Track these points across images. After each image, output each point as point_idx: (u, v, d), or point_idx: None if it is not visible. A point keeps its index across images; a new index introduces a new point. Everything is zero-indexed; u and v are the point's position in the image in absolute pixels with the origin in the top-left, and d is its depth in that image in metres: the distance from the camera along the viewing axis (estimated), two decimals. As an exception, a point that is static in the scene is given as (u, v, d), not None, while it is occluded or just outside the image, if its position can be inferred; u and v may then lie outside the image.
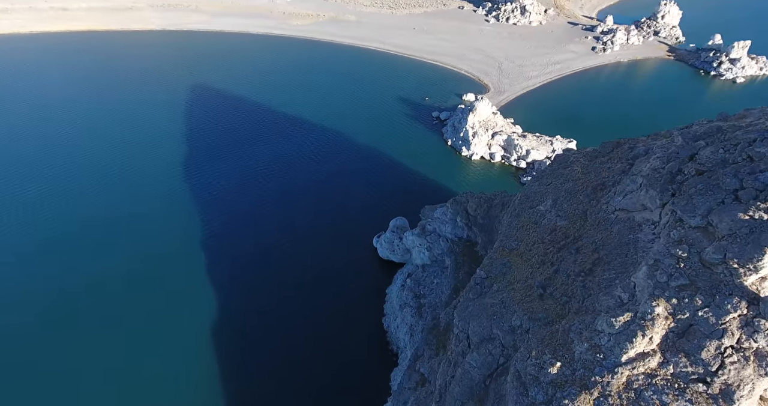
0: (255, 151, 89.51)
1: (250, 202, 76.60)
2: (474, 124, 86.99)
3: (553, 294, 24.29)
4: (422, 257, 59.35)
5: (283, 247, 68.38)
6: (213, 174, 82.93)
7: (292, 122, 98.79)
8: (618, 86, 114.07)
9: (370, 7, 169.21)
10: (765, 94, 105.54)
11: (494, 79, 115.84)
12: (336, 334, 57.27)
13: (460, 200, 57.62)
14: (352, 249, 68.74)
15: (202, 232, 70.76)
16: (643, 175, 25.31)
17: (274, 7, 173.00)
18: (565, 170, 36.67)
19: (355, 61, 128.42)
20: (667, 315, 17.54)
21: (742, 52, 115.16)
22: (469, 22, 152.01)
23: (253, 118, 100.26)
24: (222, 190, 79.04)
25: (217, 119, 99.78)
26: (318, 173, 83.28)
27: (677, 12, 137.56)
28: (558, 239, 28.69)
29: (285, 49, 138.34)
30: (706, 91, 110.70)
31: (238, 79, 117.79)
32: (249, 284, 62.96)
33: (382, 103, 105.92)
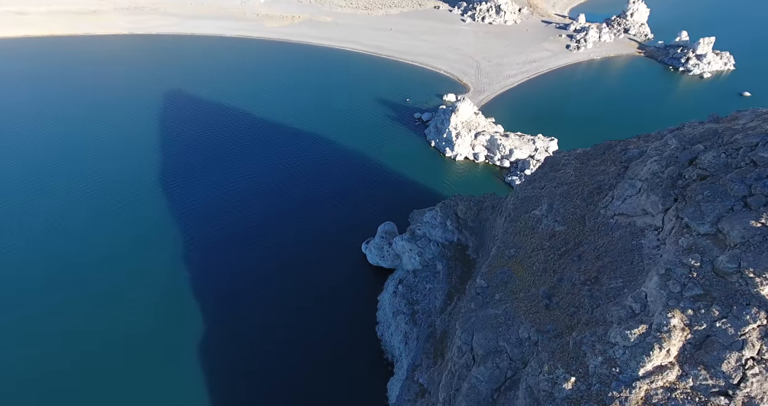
0: (233, 160, 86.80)
1: (231, 214, 74.06)
2: (457, 125, 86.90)
3: (559, 304, 23.81)
4: (413, 263, 58.59)
5: (268, 257, 66.40)
6: (191, 185, 79.91)
7: (272, 129, 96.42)
8: (593, 84, 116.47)
9: (345, 8, 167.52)
10: (730, 89, 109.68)
11: (473, 79, 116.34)
12: (328, 344, 55.90)
13: (449, 204, 57.17)
14: (341, 256, 67.39)
15: (183, 245, 67.99)
16: (641, 180, 25.15)
17: (248, 8, 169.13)
18: (557, 173, 36.52)
19: (333, 64, 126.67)
20: (683, 326, 17.18)
21: (707, 48, 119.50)
22: (446, 22, 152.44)
23: (231, 126, 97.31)
24: (201, 202, 76.21)
25: (191, 128, 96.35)
26: (301, 180, 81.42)
27: (645, 10, 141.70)
28: (558, 246, 28.32)
29: (260, 52, 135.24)
30: (676, 87, 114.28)
31: (212, 84, 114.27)
32: (235, 297, 60.78)
33: (363, 106, 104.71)
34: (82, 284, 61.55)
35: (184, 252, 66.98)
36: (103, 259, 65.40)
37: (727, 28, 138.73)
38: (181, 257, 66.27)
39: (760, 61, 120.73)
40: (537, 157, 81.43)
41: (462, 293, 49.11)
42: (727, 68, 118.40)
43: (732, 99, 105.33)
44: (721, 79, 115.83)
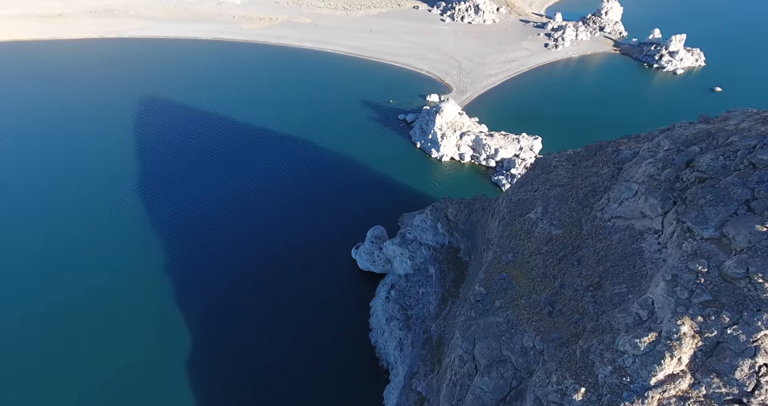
0: (215, 167, 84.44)
1: (215, 223, 71.91)
2: (442, 126, 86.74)
3: (562, 311, 23.50)
4: (404, 267, 57.98)
5: (255, 267, 64.69)
6: (172, 194, 77.28)
7: (254, 133, 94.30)
8: (572, 82, 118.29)
9: (324, 9, 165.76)
10: (702, 84, 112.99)
11: (456, 79, 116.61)
12: (321, 353, 54.77)
13: (439, 207, 56.77)
14: (330, 263, 66.23)
15: (167, 257, 65.61)
16: (638, 182, 25.09)
17: (223, 10, 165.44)
18: (549, 175, 36.43)
19: (315, 65, 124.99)
20: (693, 334, 16.97)
21: (679, 45, 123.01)
22: (425, 22, 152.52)
23: (211, 132, 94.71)
24: (184, 212, 73.75)
25: (170, 135, 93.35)
26: (286, 186, 79.79)
27: (619, 8, 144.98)
28: (556, 250, 28.09)
29: (239, 55, 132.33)
30: (651, 84, 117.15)
31: (190, 89, 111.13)
32: (221, 309, 58.93)
33: (347, 108, 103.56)
34: (71, 302, 58.61)
35: (169, 264, 64.63)
36: (88, 275, 62.48)
37: (696, 25, 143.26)
38: (166, 268, 63.92)
39: (728, 57, 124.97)
40: (522, 156, 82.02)
41: (456, 296, 48.78)
42: (698, 64, 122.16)
43: (704, 94, 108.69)
44: (693, 75, 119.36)
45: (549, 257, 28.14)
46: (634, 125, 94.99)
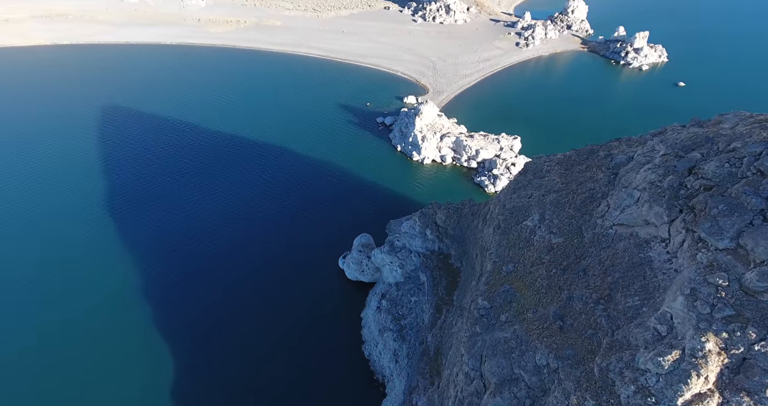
0: (187, 179, 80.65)
1: (191, 238, 68.48)
2: (422, 129, 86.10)
3: (574, 326, 22.87)
4: (394, 275, 56.79)
5: (238, 282, 61.93)
6: (144, 210, 73.14)
7: (227, 142, 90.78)
8: (545, 80, 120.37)
9: (293, 11, 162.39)
10: (667, 80, 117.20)
11: (431, 80, 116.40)
12: (313, 368, 52.89)
13: (427, 213, 55.91)
14: (317, 274, 64.26)
15: (142, 277, 61.87)
16: (639, 189, 24.79)
17: (187, 13, 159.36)
18: (542, 180, 36.06)
19: (288, 69, 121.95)
20: (719, 351, 16.49)
21: (643, 42, 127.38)
22: (397, 23, 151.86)
23: (181, 142, 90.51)
24: (156, 228, 69.87)
25: (137, 148, 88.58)
26: (265, 197, 77.06)
27: (584, 6, 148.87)
28: (559, 259, 27.55)
29: (206, 60, 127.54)
30: (620, 80, 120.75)
31: (156, 97, 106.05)
32: (207, 327, 56.03)
33: (324, 113, 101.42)
34: (38, 337, 54.12)
35: (145, 284, 60.96)
36: (55, 303, 57.97)
37: (658, 23, 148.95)
38: (142, 289, 60.23)
39: (688, 53, 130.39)
40: (503, 157, 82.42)
41: (450, 304, 48.03)
42: (662, 60, 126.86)
43: (669, 89, 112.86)
44: (657, 71, 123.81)
45: (552, 266, 27.56)
46: (608, 122, 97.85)
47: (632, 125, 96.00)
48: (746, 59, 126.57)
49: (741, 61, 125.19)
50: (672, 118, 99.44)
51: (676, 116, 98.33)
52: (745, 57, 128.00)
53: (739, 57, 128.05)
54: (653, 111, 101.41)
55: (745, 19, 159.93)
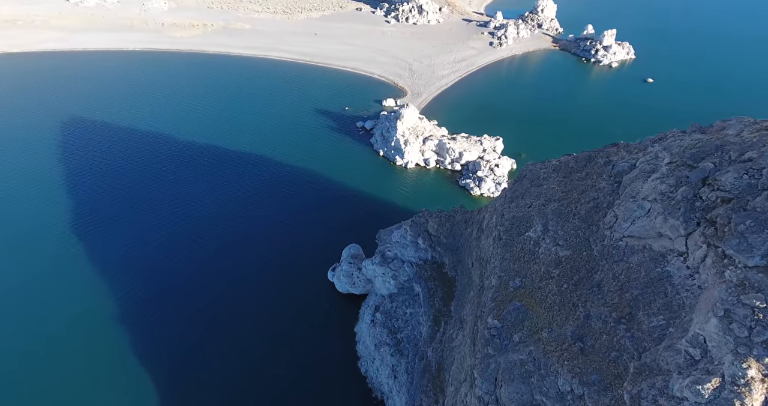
0: (158, 193, 76.32)
1: (168, 255, 64.65)
2: (404, 132, 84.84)
3: (595, 347, 21.92)
4: (387, 287, 55.22)
5: (222, 301, 58.80)
6: (115, 227, 68.53)
7: (200, 152, 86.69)
8: (520, 79, 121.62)
9: (262, 13, 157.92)
10: (636, 76, 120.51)
11: (409, 82, 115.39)
12: (307, 388, 50.66)
13: (418, 221, 54.59)
14: (305, 288, 61.88)
15: (114, 294, 57.79)
16: (649, 200, 24.14)
17: (149, 18, 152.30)
18: (540, 188, 35.29)
19: (261, 74, 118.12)
20: (762, 377, 15.71)
21: (611, 40, 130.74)
22: (370, 24, 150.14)
23: (148, 154, 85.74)
24: (128, 247, 65.58)
25: (99, 161, 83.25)
26: (244, 208, 73.85)
27: (553, 5, 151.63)
28: (569, 274, 26.67)
29: (173, 66, 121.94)
30: (591, 77, 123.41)
31: (119, 107, 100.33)
32: (193, 350, 52.78)
33: (302, 118, 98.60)
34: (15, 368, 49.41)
35: (115, 306, 56.87)
36: (27, 322, 53.18)
37: (622, 20, 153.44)
38: (113, 311, 56.15)
39: (653, 49, 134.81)
40: (486, 158, 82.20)
41: (448, 316, 46.89)
42: (629, 57, 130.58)
43: (639, 85, 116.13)
44: (626, 68, 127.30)
45: (563, 281, 26.65)
46: (586, 119, 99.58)
47: (609, 121, 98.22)
48: (708, 55, 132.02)
49: (703, 58, 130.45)
50: (645, 113, 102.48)
51: (649, 112, 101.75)
52: (706, 53, 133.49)
53: (700, 53, 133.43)
54: (626, 107, 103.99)
55: (703, 16, 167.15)
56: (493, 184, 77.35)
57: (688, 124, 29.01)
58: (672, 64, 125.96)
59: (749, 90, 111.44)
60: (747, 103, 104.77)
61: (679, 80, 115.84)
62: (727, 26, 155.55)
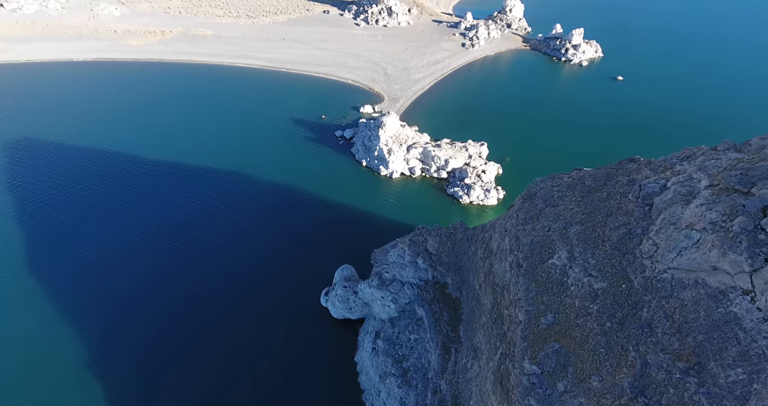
0: (120, 213, 69.75)
1: (140, 282, 58.73)
2: (387, 141, 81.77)
3: (663, 404, 19.59)
4: (387, 311, 51.99)
5: (209, 332, 53.73)
6: (64, 256, 61.67)
7: (169, 170, 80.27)
8: (495, 80, 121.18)
9: (224, 18, 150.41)
10: (606, 74, 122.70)
11: (385, 87, 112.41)
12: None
13: (417, 240, 51.65)
14: (297, 316, 57.65)
15: (84, 337, 51.52)
16: (697, 229, 22.15)
17: (100, 25, 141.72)
18: (556, 209, 33.11)
19: (230, 83, 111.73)
20: None
21: (579, 39, 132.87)
22: (340, 27, 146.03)
23: (112, 174, 78.55)
24: (93, 268, 59.13)
25: (50, 181, 75.39)
26: (221, 230, 68.55)
27: (521, 5, 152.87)
28: (610, 310, 24.40)
29: (130, 77, 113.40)
30: (564, 76, 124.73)
31: (73, 124, 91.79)
32: (181, 389, 47.60)
33: (278, 129, 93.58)
34: None
35: (88, 342, 50.71)
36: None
37: (588, 18, 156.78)
38: (85, 348, 50.01)
39: (618, 47, 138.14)
40: (472, 164, 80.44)
41: (458, 342, 44.25)
42: (598, 55, 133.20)
43: (610, 83, 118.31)
44: (595, 66, 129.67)
45: (604, 318, 24.36)
46: (565, 118, 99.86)
47: (587, 121, 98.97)
48: (670, 51, 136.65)
49: (666, 53, 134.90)
50: (622, 111, 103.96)
51: (625, 110, 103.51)
52: (668, 49, 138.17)
53: (663, 49, 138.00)
54: (602, 106, 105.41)
55: (661, 13, 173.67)
56: (482, 191, 75.62)
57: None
58: (638, 61, 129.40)
59: (714, 85, 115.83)
60: (714, 98, 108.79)
61: (648, 77, 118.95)
62: (684, 23, 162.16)
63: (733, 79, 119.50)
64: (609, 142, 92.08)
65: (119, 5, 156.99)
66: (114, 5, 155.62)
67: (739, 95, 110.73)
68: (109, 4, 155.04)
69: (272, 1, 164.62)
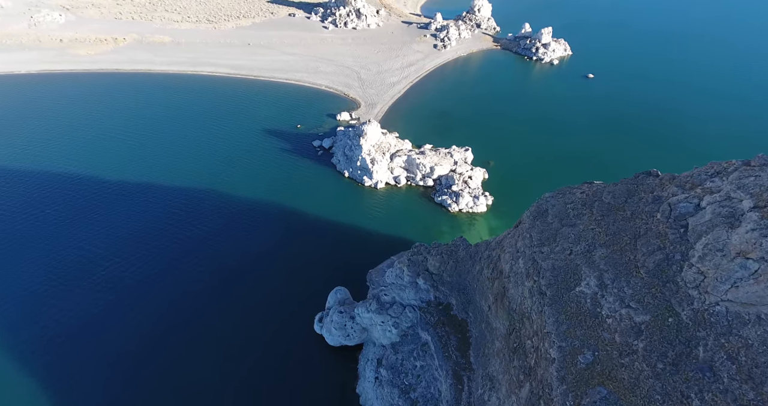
0: (77, 239, 63.05)
1: (116, 314, 52.71)
2: (370, 151, 78.40)
3: (744, 464, 17.43)
4: (389, 336, 48.80)
5: (198, 375, 48.67)
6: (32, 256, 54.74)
7: (137, 190, 73.61)
8: (470, 81, 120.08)
9: (183, 23, 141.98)
10: (577, 72, 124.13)
11: (360, 92, 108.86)
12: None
13: (416, 260, 48.66)
14: (289, 346, 53.49)
15: (60, 373, 45.34)
16: (754, 259, 20.25)
17: (42, 33, 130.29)
18: (574, 229, 30.96)
19: (195, 93, 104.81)
20: None
21: (548, 38, 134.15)
22: (307, 31, 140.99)
23: (71, 198, 71.16)
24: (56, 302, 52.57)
25: (14, 206, 67.40)
26: (203, 251, 63.18)
27: (488, 5, 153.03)
28: (658, 347, 22.23)
29: (80, 90, 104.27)
30: (537, 75, 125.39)
31: (25, 143, 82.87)
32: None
33: (250, 142, 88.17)
34: None
35: (67, 380, 44.68)
36: None
37: (555, 17, 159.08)
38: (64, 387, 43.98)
39: (586, 44, 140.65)
40: (458, 171, 78.42)
41: (470, 370, 41.62)
42: (567, 54, 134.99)
43: (582, 81, 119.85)
44: (565, 64, 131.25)
45: (654, 358, 22.16)
46: (542, 117, 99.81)
47: (563, 119, 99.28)
48: (635, 48, 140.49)
49: (631, 50, 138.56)
50: (596, 107, 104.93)
51: (599, 105, 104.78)
52: (634, 46, 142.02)
53: (629, 45, 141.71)
54: (577, 103, 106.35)
55: (624, 10, 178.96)
56: (470, 198, 73.68)
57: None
58: (605, 58, 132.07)
59: (681, 81, 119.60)
60: (682, 94, 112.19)
61: (617, 74, 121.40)
62: (647, 20, 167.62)
63: (701, 74, 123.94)
64: (589, 139, 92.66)
65: (63, 11, 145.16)
66: (57, 11, 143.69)
67: (707, 89, 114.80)
68: (51, 11, 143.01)
69: (233, 5, 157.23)
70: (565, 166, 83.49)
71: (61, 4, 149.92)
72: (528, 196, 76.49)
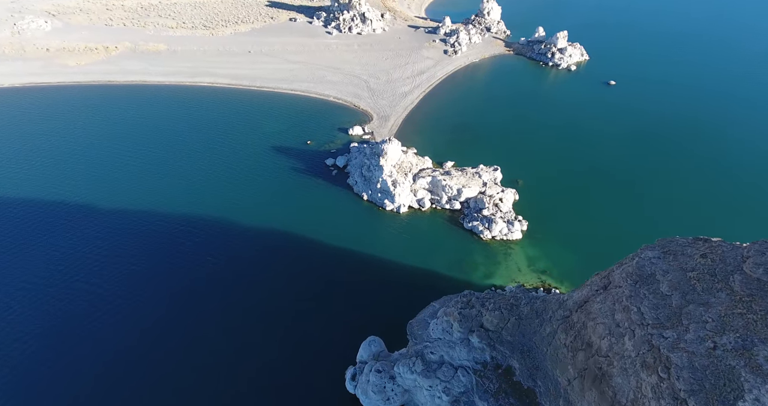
0: (89, 278, 55.52)
1: (103, 356, 45.38)
2: (391, 172, 71.56)
3: None
4: (438, 403, 42.02)
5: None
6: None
7: (133, 218, 66.09)
8: (486, 89, 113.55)
9: (178, 30, 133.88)
10: (597, 79, 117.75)
11: (371, 103, 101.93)
12: None
13: (468, 314, 41.93)
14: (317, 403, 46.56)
15: None
16: None
17: (27, 42, 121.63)
18: (708, 311, 24.51)
19: (192, 107, 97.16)
20: None
21: (564, 42, 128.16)
22: (310, 37, 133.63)
23: (72, 225, 63.48)
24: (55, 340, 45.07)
25: None
26: (205, 286, 55.94)
27: (498, 7, 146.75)
28: None
29: (71, 103, 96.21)
30: (556, 82, 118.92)
31: (14, 165, 74.95)
32: None
33: (259, 161, 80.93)
34: None
35: None
36: None
37: (567, 18, 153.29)
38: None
39: (602, 48, 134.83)
40: (488, 193, 71.87)
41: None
42: (584, 59, 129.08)
43: (603, 88, 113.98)
44: (584, 70, 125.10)
45: None
46: (567, 129, 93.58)
47: (592, 130, 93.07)
48: (653, 51, 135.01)
49: (651, 54, 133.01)
50: (623, 116, 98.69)
51: (626, 114, 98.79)
52: (652, 49, 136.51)
53: (647, 49, 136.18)
54: (602, 112, 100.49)
55: (635, 10, 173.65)
56: (504, 224, 67.15)
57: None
58: (623, 63, 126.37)
59: (704, 87, 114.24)
60: (708, 101, 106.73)
61: (638, 80, 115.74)
62: (661, 21, 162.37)
63: (724, 79, 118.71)
64: (619, 152, 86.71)
65: (49, 18, 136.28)
66: (43, 18, 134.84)
67: (731, 96, 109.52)
68: (36, 17, 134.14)
69: (231, 10, 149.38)
70: (600, 184, 77.45)
71: (46, 10, 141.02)
72: (565, 221, 70.49)
